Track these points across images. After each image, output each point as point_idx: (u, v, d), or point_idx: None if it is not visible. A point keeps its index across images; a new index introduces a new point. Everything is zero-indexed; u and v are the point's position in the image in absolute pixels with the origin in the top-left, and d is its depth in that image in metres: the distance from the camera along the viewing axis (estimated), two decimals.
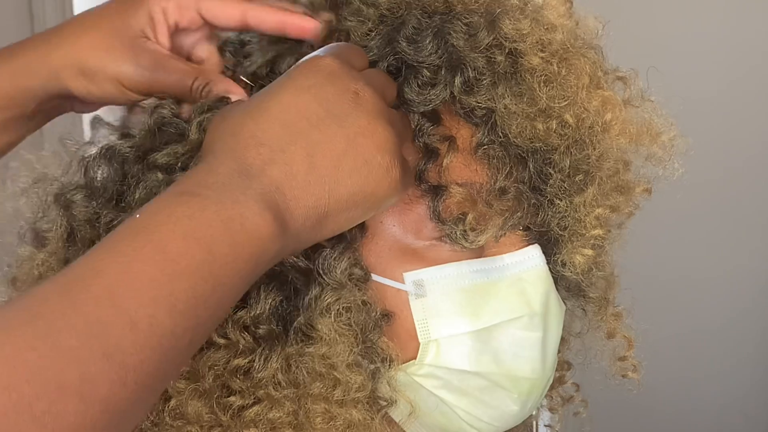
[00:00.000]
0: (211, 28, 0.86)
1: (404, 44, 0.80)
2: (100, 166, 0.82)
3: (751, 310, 2.61)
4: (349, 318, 0.76)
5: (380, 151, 0.70)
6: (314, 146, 0.68)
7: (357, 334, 0.76)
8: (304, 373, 0.75)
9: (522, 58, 0.80)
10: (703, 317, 2.58)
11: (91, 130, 0.87)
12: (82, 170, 0.84)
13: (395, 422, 0.83)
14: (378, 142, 0.70)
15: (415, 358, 0.80)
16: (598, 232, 0.83)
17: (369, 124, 0.70)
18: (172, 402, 0.75)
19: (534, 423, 1.00)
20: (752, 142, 2.54)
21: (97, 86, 0.82)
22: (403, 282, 0.79)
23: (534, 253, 0.82)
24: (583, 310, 0.92)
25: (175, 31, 0.85)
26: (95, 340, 0.57)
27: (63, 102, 0.87)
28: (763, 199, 2.56)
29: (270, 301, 0.75)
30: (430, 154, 0.79)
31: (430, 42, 0.79)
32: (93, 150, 0.85)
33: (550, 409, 1.01)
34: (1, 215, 0.88)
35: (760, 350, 2.61)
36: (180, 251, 0.61)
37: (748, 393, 2.63)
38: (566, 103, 0.80)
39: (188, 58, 0.86)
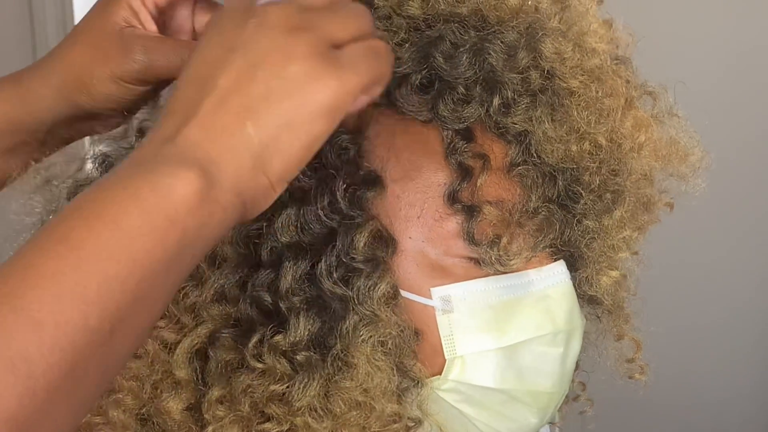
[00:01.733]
0: None
1: (440, 59, 0.78)
2: (117, 162, 0.81)
3: (754, 312, 2.64)
4: (385, 350, 0.76)
5: (290, 60, 0.62)
6: (223, 89, 0.62)
7: (393, 365, 0.76)
8: (341, 402, 0.75)
9: (560, 80, 0.79)
10: (707, 318, 2.60)
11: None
12: (97, 166, 0.82)
13: None
14: (286, 53, 0.62)
15: (439, 374, 0.80)
16: (625, 254, 0.83)
17: (272, 40, 0.63)
18: (210, 429, 0.74)
19: None
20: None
21: (98, 91, 0.81)
22: (430, 297, 0.79)
23: (559, 270, 0.82)
24: (597, 317, 0.93)
25: (164, 13, 0.83)
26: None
27: (81, 125, 0.85)
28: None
29: (309, 327, 0.74)
30: (465, 172, 0.78)
31: (466, 59, 0.78)
32: (108, 147, 0.84)
33: None
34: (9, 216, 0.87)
35: (763, 353, 2.65)
36: (82, 235, 0.56)
37: (751, 395, 2.67)
38: (602, 126, 0.79)
39: (194, 37, 0.85)
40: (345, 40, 0.64)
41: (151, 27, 0.82)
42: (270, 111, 0.62)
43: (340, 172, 0.76)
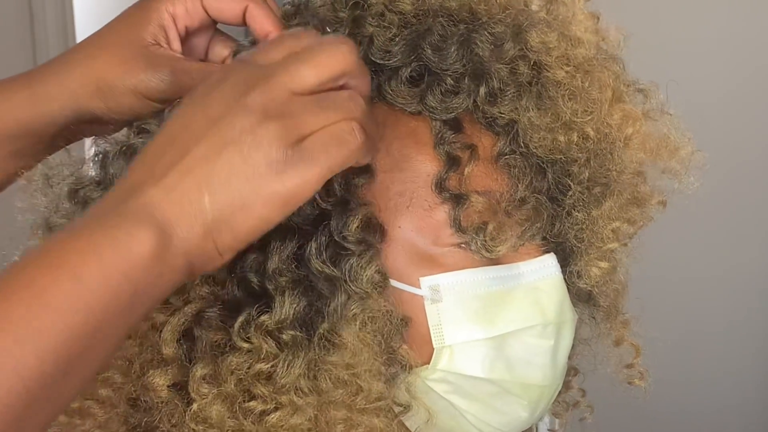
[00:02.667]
0: (213, 22, 0.86)
1: (429, 51, 0.80)
2: (117, 161, 0.82)
3: (755, 317, 2.62)
4: (374, 327, 0.76)
5: (258, 148, 0.64)
6: (192, 157, 0.64)
7: (381, 343, 0.76)
8: (327, 380, 0.76)
9: (546, 70, 0.80)
10: (707, 324, 2.59)
11: None
12: (98, 166, 0.84)
13: (405, 426, 0.83)
14: (257, 140, 0.64)
15: (428, 363, 0.80)
16: (614, 245, 0.84)
17: (248, 122, 0.65)
18: (195, 406, 0.75)
19: (534, 426, 1.01)
20: (766, 151, 2.56)
21: (116, 102, 0.82)
22: (419, 287, 0.79)
23: (550, 262, 0.82)
24: (593, 317, 0.93)
25: (187, 36, 0.85)
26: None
27: (85, 127, 0.86)
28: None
29: (295, 306, 0.75)
30: (452, 162, 0.79)
31: (455, 50, 0.80)
32: (109, 146, 0.85)
33: (555, 415, 1.02)
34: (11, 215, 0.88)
35: (764, 357, 2.63)
36: (45, 283, 0.59)
37: (751, 401, 2.65)
38: (589, 117, 0.80)
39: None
40: (315, 129, 0.66)
41: (177, 47, 0.83)
42: (228, 190, 0.64)
43: None
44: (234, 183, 0.64)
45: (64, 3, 2.03)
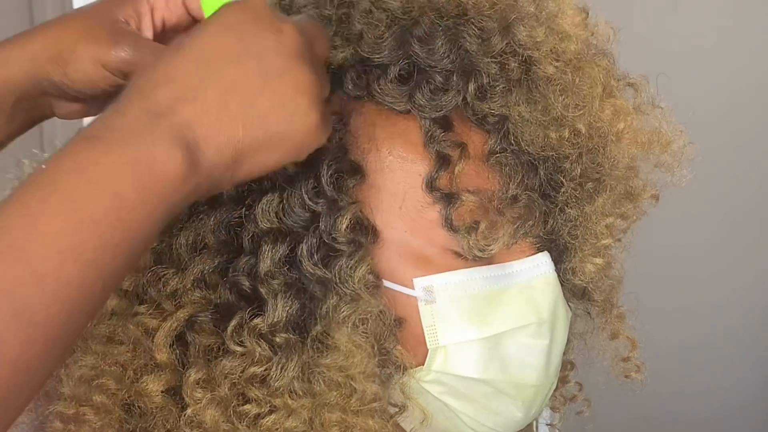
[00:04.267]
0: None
1: (417, 46, 0.79)
2: None
3: (754, 310, 2.62)
4: (365, 329, 0.76)
5: (299, 93, 0.68)
6: (229, 83, 0.66)
7: (373, 344, 0.76)
8: (321, 382, 0.76)
9: (536, 66, 0.80)
10: (705, 318, 2.59)
11: None
12: None
13: (400, 427, 0.83)
14: (297, 85, 0.68)
15: (422, 364, 0.80)
16: (608, 241, 0.84)
17: (289, 64, 0.68)
18: (189, 411, 0.75)
19: (534, 422, 1.01)
20: (757, 144, 2.55)
21: (74, 68, 0.80)
22: (413, 288, 0.79)
23: (543, 261, 0.82)
24: (588, 312, 0.93)
25: (166, 32, 0.84)
26: (3, 299, 0.56)
27: (43, 101, 0.84)
28: (766, 198, 2.57)
29: (287, 309, 0.75)
30: (442, 161, 0.79)
31: (442, 45, 0.79)
32: None
33: (552, 408, 1.02)
34: None
35: (763, 351, 2.63)
36: (85, 199, 0.60)
37: (750, 393, 2.65)
38: (580, 112, 0.80)
39: None
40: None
41: (148, 35, 0.82)
42: (263, 127, 0.67)
43: (325, 157, 0.77)
44: (272, 120, 0.67)
45: (64, 3, 2.02)
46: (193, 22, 0.84)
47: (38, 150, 0.90)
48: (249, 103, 0.66)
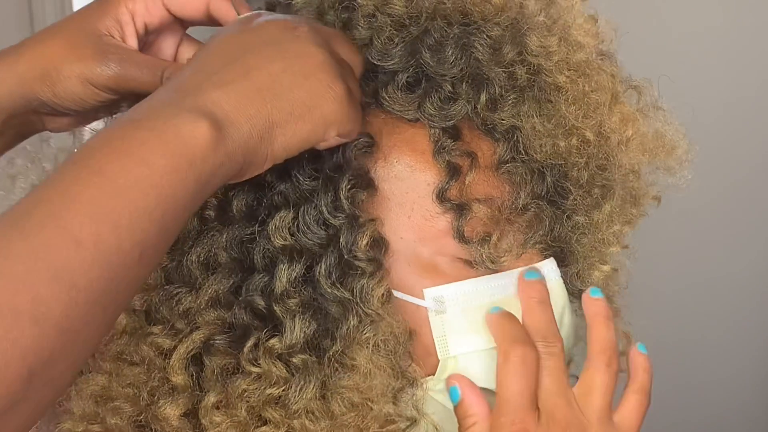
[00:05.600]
0: (181, 24, 0.85)
1: (427, 55, 0.79)
2: None
3: (752, 304, 2.64)
4: (386, 349, 0.76)
5: (320, 68, 0.71)
6: (251, 66, 0.69)
7: (393, 364, 0.76)
8: (339, 403, 0.75)
9: (546, 75, 0.79)
10: (702, 312, 2.61)
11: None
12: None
13: None
14: (317, 62, 0.71)
15: (432, 374, 0.80)
16: (616, 248, 0.84)
17: (307, 48, 0.71)
18: None
19: None
20: (755, 144, 2.56)
21: (62, 87, 0.80)
22: (422, 298, 0.79)
23: (550, 267, 0.82)
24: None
25: (149, 34, 0.83)
26: (42, 263, 0.57)
27: (34, 118, 0.84)
28: (764, 197, 2.59)
29: (305, 329, 0.74)
30: (453, 171, 0.78)
31: (452, 54, 0.78)
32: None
33: None
34: None
35: (761, 345, 2.65)
36: (116, 169, 0.61)
37: (748, 387, 2.67)
38: (591, 122, 0.79)
39: None
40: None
41: (133, 43, 0.82)
42: (289, 99, 0.69)
43: (346, 172, 0.76)
44: (297, 95, 0.69)
45: (64, 3, 1.99)
46: (175, 22, 0.84)
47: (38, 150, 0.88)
48: (272, 80, 0.69)
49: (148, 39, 0.84)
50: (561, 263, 0.83)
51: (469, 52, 0.79)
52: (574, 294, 0.87)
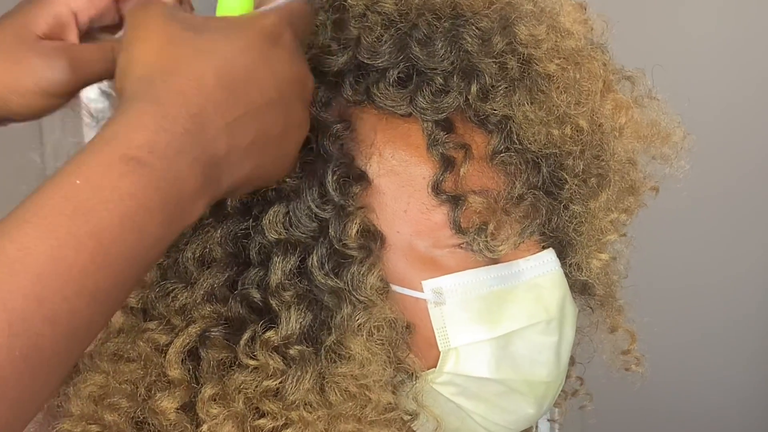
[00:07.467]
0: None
1: (416, 49, 0.79)
2: None
3: (754, 301, 2.64)
4: (381, 336, 0.76)
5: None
6: (260, 122, 0.67)
7: (389, 352, 0.76)
8: (336, 393, 0.75)
9: (536, 64, 0.79)
10: (705, 311, 2.60)
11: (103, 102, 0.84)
12: None
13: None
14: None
15: (434, 367, 0.79)
16: (613, 236, 0.83)
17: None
18: (205, 427, 0.74)
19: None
20: (757, 141, 2.57)
21: (20, 105, 0.76)
22: (421, 290, 0.79)
23: (549, 258, 0.82)
24: (590, 308, 0.92)
25: (94, 30, 0.79)
26: (16, 340, 0.54)
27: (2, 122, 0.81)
28: (765, 194, 2.59)
29: (300, 321, 0.74)
30: (447, 163, 0.78)
31: (442, 47, 0.79)
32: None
33: (554, 404, 1.02)
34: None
35: (763, 342, 2.64)
36: (114, 238, 0.58)
37: (750, 384, 2.66)
38: (582, 109, 0.79)
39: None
40: None
41: (74, 39, 0.77)
42: (272, 165, 0.71)
43: (329, 164, 0.76)
44: (280, 162, 0.71)
45: None
46: (117, 9, 0.79)
47: (38, 151, 0.88)
48: (275, 145, 0.69)
49: (91, 32, 0.79)
50: (560, 255, 0.83)
51: (459, 45, 0.79)
52: (575, 287, 0.87)
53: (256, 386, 0.74)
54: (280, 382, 0.74)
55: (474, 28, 0.79)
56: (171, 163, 0.60)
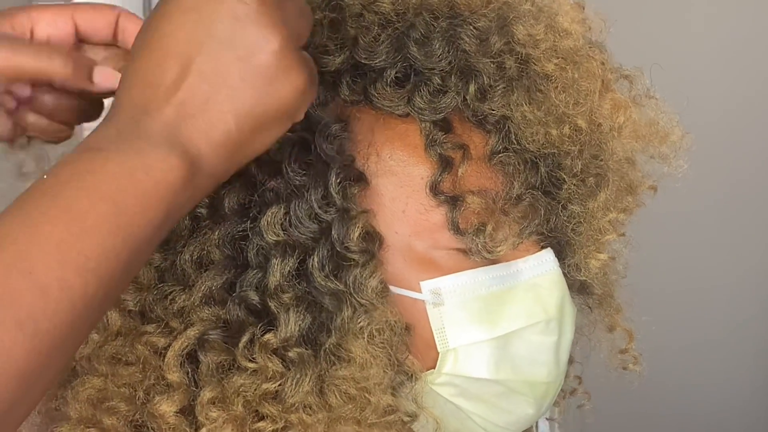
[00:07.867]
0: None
1: (414, 49, 0.79)
2: None
3: (754, 300, 2.64)
4: (382, 339, 0.75)
5: (280, 65, 0.65)
6: (205, 75, 0.64)
7: (389, 355, 0.75)
8: (336, 395, 0.75)
9: (534, 64, 0.79)
10: (703, 310, 2.60)
11: None
12: None
13: None
14: (275, 56, 0.65)
15: (433, 368, 0.79)
16: (612, 236, 0.83)
17: (258, 39, 0.65)
18: (204, 430, 0.74)
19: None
20: (756, 140, 2.57)
21: None
22: (419, 291, 0.78)
23: (547, 258, 0.82)
24: (588, 307, 0.92)
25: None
26: (7, 311, 0.56)
27: None
28: (765, 194, 2.59)
29: (299, 323, 0.74)
30: (445, 163, 0.78)
31: (439, 46, 0.79)
32: None
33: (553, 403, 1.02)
34: None
35: (763, 342, 2.65)
36: (85, 208, 0.60)
37: (749, 383, 2.66)
38: (581, 109, 0.79)
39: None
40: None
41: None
42: (257, 115, 0.65)
43: (331, 165, 0.76)
44: (257, 99, 0.65)
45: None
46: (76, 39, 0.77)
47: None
48: (231, 95, 0.65)
49: None
50: (559, 255, 0.83)
51: (457, 44, 0.79)
52: (574, 286, 0.87)
53: (256, 389, 0.74)
54: (280, 385, 0.74)
55: (471, 27, 0.79)
56: (121, 143, 0.63)
